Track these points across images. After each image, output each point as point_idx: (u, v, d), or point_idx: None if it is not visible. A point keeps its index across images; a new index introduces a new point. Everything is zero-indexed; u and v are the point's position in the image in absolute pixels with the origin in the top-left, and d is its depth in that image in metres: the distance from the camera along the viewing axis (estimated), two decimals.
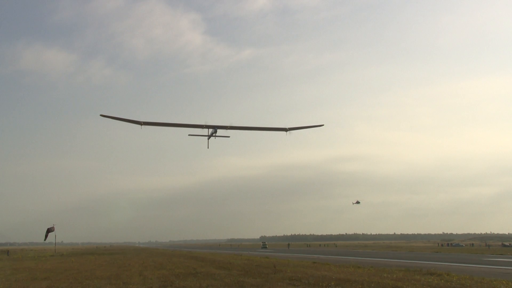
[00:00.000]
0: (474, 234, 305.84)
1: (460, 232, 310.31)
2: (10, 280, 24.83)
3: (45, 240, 73.73)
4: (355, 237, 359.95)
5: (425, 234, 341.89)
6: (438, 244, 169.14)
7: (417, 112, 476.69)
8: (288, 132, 42.06)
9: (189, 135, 41.02)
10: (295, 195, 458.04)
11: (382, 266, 30.13)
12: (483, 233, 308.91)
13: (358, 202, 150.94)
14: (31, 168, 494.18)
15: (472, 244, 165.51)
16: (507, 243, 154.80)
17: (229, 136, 41.15)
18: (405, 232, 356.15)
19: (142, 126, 38.43)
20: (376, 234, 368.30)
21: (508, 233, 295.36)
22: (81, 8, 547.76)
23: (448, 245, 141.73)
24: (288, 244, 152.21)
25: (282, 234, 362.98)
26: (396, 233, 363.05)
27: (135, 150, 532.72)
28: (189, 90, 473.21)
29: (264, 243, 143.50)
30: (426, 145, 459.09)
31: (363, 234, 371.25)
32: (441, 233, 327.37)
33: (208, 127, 39.95)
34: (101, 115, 38.56)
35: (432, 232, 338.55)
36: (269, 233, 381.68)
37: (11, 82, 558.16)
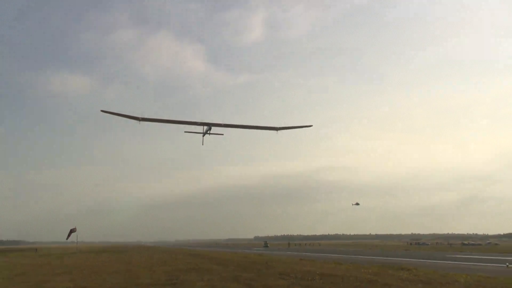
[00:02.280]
0: (439, 234, 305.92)
1: (426, 232, 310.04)
2: (37, 274, 24.62)
3: (67, 239, 72.96)
4: (336, 237, 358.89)
5: (396, 234, 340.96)
6: (408, 243, 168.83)
7: (391, 127, 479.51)
8: (278, 131, 39.82)
9: (185, 132, 38.63)
10: (285, 201, 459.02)
11: (360, 262, 30.01)
12: (446, 233, 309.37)
13: (357, 204, 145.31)
14: (55, 175, 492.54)
15: (437, 243, 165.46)
16: (466, 242, 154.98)
17: (222, 134, 39.02)
18: (379, 232, 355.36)
19: (140, 121, 35.64)
20: (354, 234, 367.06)
21: (467, 233, 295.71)
22: (101, 41, 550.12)
23: (417, 244, 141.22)
24: (288, 243, 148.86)
25: (273, 235, 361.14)
26: (371, 233, 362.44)
27: (146, 160, 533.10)
28: (191, 107, 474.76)
29: (266, 242, 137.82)
30: (399, 158, 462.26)
31: (343, 234, 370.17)
32: (411, 233, 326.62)
33: (203, 124, 37.48)
34: (102, 111, 35.42)
35: (403, 232, 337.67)
36: (262, 234, 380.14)
37: (41, 102, 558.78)
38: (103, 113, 35.33)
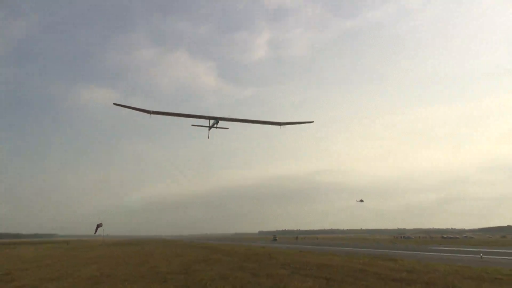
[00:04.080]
0: (421, 229, 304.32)
1: (410, 227, 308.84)
2: (69, 263, 24.68)
3: (95, 233, 73.05)
4: (331, 231, 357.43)
5: (384, 229, 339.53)
6: (394, 236, 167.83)
7: (382, 136, 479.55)
8: (281, 126, 37.13)
9: (192, 125, 35.93)
10: (285, 199, 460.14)
11: (352, 254, 29.88)
12: (427, 228, 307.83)
13: (361, 201, 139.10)
14: (86, 178, 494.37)
15: (420, 236, 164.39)
16: (445, 236, 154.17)
17: (227, 128, 36.22)
18: (369, 227, 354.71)
19: (151, 115, 33.42)
20: (347, 229, 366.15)
21: (446, 228, 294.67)
22: (125, 58, 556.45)
23: (402, 238, 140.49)
24: (297, 237, 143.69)
25: (275, 229, 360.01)
26: (362, 228, 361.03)
27: (165, 164, 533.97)
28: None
29: (275, 236, 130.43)
30: (387, 163, 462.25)
31: (337, 229, 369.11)
32: (396, 228, 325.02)
33: (210, 118, 35.06)
34: (114, 104, 33.29)
35: (390, 227, 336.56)
36: (265, 228, 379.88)
37: (72, 113, 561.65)
38: (116, 106, 33.14)
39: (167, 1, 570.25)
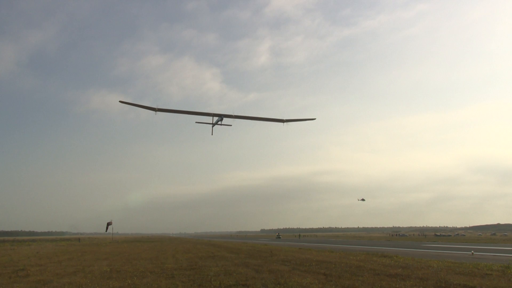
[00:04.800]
0: (415, 227, 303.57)
1: (405, 225, 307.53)
2: (80, 259, 24.72)
3: (106, 231, 73.14)
4: (329, 230, 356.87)
5: (380, 227, 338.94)
6: (389, 234, 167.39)
7: (375, 139, 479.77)
8: (284, 123, 36.45)
9: (196, 122, 34.86)
10: (286, 199, 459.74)
11: (349, 251, 29.86)
12: (421, 226, 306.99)
13: (363, 200, 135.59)
14: (96, 178, 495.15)
15: (413, 234, 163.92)
16: (438, 234, 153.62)
17: (231, 125, 35.23)
18: (366, 226, 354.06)
19: (157, 112, 32.49)
20: (345, 227, 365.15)
21: (439, 226, 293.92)
22: (134, 65, 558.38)
23: (397, 235, 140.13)
24: (299, 235, 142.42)
25: (276, 228, 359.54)
26: (359, 226, 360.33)
27: (171, 166, 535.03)
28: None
29: (278, 234, 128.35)
30: (381, 163, 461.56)
31: (335, 227, 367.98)
32: (392, 226, 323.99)
33: (214, 115, 34.16)
34: (120, 101, 32.53)
35: (385, 226, 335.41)
36: (267, 227, 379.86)
37: (84, 118, 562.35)
38: (122, 103, 32.34)
39: (174, 10, 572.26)
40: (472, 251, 27.27)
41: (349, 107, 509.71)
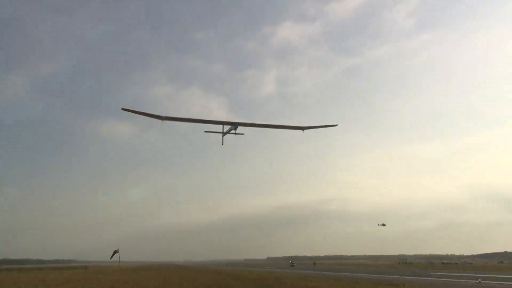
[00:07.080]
0: (422, 255, 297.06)
1: (411, 253, 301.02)
2: (87, 286, 24.44)
3: (110, 259, 72.42)
4: (336, 257, 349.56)
5: (386, 255, 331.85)
6: (396, 262, 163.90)
7: (381, 167, 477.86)
8: (304, 131, 33.17)
9: (205, 131, 31.92)
10: (292, 226, 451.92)
11: (356, 279, 29.27)
12: (428, 254, 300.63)
13: (383, 224, 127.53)
14: (99, 204, 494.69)
15: (420, 262, 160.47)
16: (445, 261, 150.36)
17: (243, 134, 32.26)
18: (372, 253, 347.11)
19: (164, 121, 29.15)
20: (351, 255, 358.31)
21: (446, 254, 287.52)
22: (142, 94, 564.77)
23: (403, 263, 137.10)
24: (314, 262, 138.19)
25: (282, 255, 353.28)
26: (366, 254, 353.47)
27: (176, 193, 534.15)
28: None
29: (292, 262, 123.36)
30: (388, 191, 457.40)
31: (341, 255, 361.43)
32: (398, 254, 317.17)
33: (226, 123, 30.92)
34: (123, 109, 28.22)
35: (392, 253, 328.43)
36: (273, 255, 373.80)
37: (94, 146, 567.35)
38: (125, 111, 28.54)
39: (182, 41, 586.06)
40: (480, 279, 26.66)
41: (352, 136, 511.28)
